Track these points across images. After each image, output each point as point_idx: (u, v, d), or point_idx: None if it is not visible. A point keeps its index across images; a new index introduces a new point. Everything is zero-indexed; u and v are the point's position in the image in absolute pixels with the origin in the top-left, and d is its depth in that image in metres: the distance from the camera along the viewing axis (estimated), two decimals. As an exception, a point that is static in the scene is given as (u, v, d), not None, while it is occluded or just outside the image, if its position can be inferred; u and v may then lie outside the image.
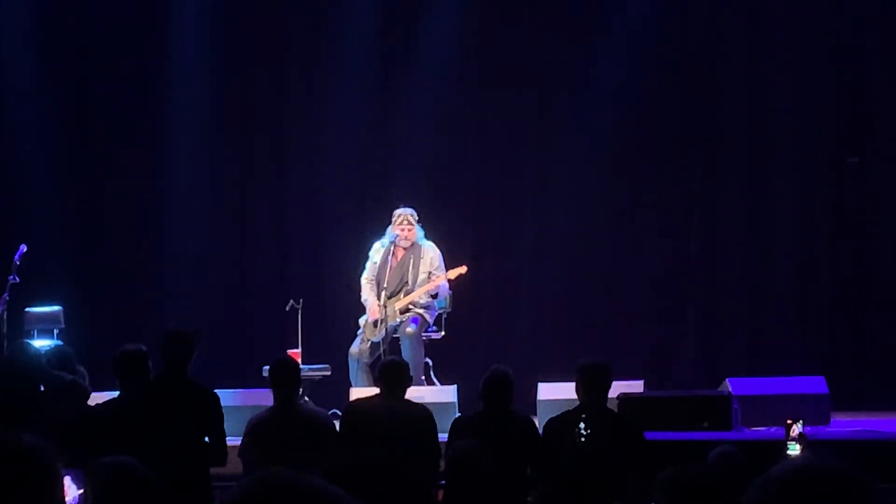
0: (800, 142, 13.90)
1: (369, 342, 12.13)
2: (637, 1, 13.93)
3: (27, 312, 13.06)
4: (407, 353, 11.69)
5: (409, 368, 8.81)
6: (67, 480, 4.67)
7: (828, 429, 10.67)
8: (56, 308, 13.21)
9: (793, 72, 13.86)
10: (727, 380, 11.37)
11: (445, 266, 12.28)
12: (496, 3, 14.28)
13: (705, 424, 10.42)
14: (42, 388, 8.49)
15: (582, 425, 7.86)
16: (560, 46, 14.12)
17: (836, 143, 13.84)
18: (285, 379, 8.17)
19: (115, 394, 8.09)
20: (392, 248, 12.28)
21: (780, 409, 9.97)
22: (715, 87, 14.07)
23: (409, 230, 12.25)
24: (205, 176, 14.42)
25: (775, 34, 13.91)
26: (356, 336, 12.28)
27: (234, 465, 8.10)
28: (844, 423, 11.12)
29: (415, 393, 8.98)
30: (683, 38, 14.07)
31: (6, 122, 14.37)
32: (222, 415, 7.92)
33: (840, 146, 13.81)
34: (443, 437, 8.43)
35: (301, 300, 12.44)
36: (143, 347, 8.07)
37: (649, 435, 8.44)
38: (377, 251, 12.39)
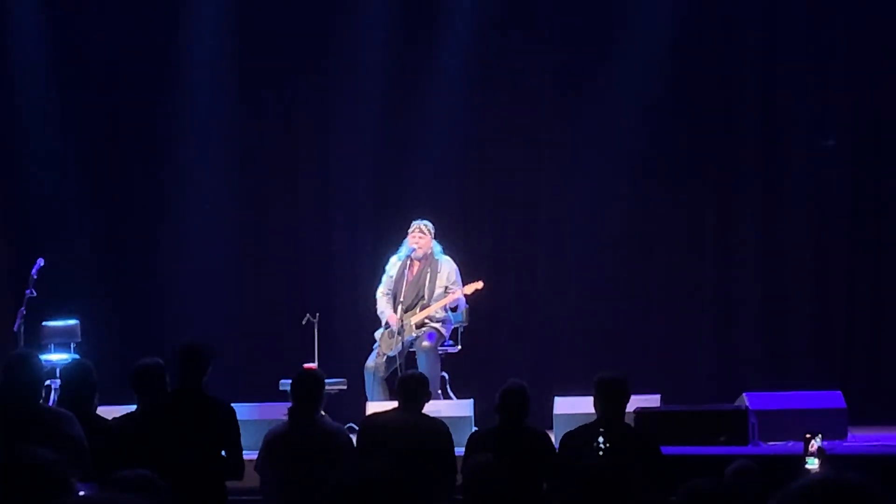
0: (816, 157, 13.87)
1: (385, 356, 12.12)
2: (653, 13, 13.91)
3: (44, 326, 13.08)
4: (423, 368, 11.67)
5: (428, 383, 8.79)
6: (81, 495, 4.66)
7: (845, 443, 10.63)
8: (73, 322, 13.23)
9: (809, 84, 13.85)
10: (744, 394, 11.33)
11: (462, 281, 12.27)
12: (513, 12, 14.26)
13: (722, 439, 10.39)
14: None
15: (601, 439, 7.84)
16: (578, 59, 14.10)
17: (852, 157, 13.81)
18: (309, 393, 8.13)
19: (132, 408, 8.09)
20: (408, 261, 12.28)
21: (797, 424, 9.92)
22: (730, 102, 14.05)
23: (422, 238, 12.24)
24: (221, 189, 14.44)
25: (792, 43, 13.90)
26: (372, 350, 12.28)
27: (251, 480, 8.10)
28: (862, 438, 11.09)
29: (431, 407, 8.96)
30: (700, 53, 14.05)
31: (23, 137, 14.40)
32: (239, 429, 7.90)
33: (858, 160, 13.79)
34: (459, 451, 8.43)
35: (317, 314, 12.44)
36: (161, 361, 8.07)
37: (666, 449, 8.42)
38: (393, 265, 12.39)
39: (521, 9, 14.29)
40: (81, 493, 3.31)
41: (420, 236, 12.23)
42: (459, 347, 12.60)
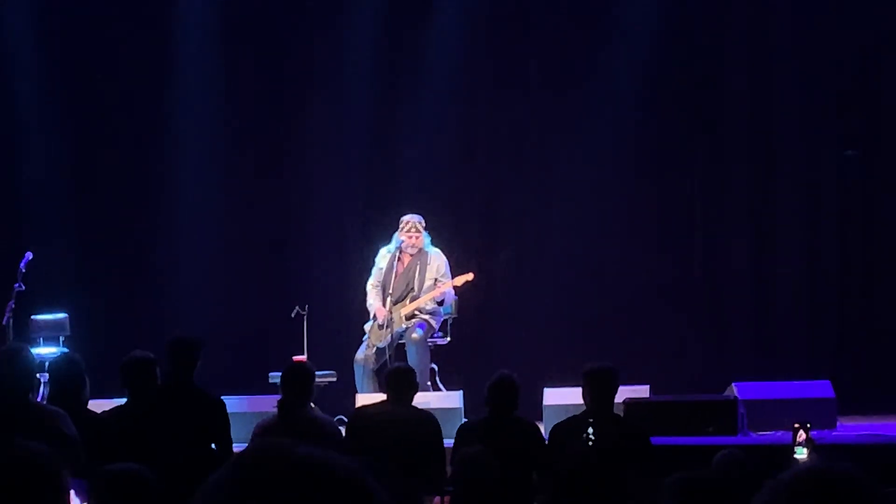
0: (805, 144, 13.90)
1: (375, 348, 12.12)
2: (642, 7, 13.92)
3: (33, 320, 13.05)
4: (413, 359, 11.68)
5: (416, 375, 8.80)
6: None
7: (834, 433, 10.66)
8: (62, 315, 13.20)
9: (798, 74, 13.87)
10: (733, 384, 11.35)
11: (451, 273, 12.28)
12: (502, 8, 14.27)
13: (711, 429, 10.40)
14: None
15: (590, 430, 7.86)
16: (565, 53, 14.12)
17: (842, 144, 13.83)
18: (298, 385, 8.13)
19: (122, 401, 8.09)
20: (398, 254, 12.27)
21: (787, 414, 9.95)
22: (718, 91, 14.07)
23: (417, 237, 12.24)
24: (210, 183, 14.41)
25: (780, 33, 13.91)
26: (361, 342, 12.28)
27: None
28: (851, 427, 11.12)
29: (420, 399, 8.98)
30: (687, 44, 14.07)
31: (12, 130, 14.38)
32: (229, 421, 7.92)
33: (847, 147, 13.81)
34: (448, 442, 8.44)
35: (306, 306, 12.43)
36: (151, 355, 8.07)
37: (655, 440, 8.44)
38: (383, 257, 12.39)
39: (508, 3, 14.29)
40: (73, 490, 3.31)
41: (416, 236, 12.22)
42: (449, 339, 12.60)
